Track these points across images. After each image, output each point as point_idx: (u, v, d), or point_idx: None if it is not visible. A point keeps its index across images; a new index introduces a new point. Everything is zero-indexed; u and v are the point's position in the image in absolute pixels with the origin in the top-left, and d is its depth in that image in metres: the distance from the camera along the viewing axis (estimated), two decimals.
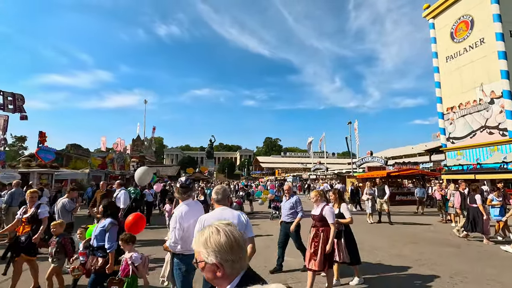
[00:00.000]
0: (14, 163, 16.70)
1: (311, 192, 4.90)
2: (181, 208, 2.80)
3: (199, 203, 2.99)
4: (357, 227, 9.54)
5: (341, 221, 4.63)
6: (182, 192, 2.84)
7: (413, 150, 64.81)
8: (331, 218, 4.17)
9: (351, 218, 4.62)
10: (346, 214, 4.68)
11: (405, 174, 19.51)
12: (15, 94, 15.98)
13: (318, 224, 4.34)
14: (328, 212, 4.23)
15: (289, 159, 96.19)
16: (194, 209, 2.78)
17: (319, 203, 4.39)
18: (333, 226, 4.13)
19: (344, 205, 4.77)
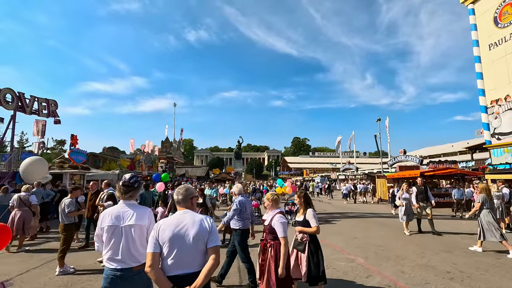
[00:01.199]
0: (49, 165, 17.72)
1: (266, 194, 4.07)
2: (108, 210, 2.45)
3: (144, 208, 2.54)
4: (390, 232, 9.11)
5: (306, 230, 3.82)
6: (123, 192, 2.45)
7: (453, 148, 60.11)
8: (281, 230, 3.32)
9: (317, 226, 3.76)
10: (312, 221, 3.81)
11: (441, 173, 17.83)
12: (48, 100, 17.01)
13: (267, 237, 3.55)
14: (277, 223, 3.38)
15: (318, 159, 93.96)
16: (128, 212, 2.38)
17: (272, 209, 3.64)
18: (283, 241, 3.27)
19: (310, 211, 3.90)
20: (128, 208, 2.41)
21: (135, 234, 2.33)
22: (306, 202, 4.01)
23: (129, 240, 2.31)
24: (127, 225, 2.33)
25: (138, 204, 2.49)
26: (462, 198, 13.39)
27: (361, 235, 8.62)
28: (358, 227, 10.17)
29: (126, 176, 2.55)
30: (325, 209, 16.09)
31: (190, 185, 2.46)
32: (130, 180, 2.51)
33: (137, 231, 2.33)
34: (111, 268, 2.29)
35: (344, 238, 8.24)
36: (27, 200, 7.58)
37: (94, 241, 2.52)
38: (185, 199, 2.27)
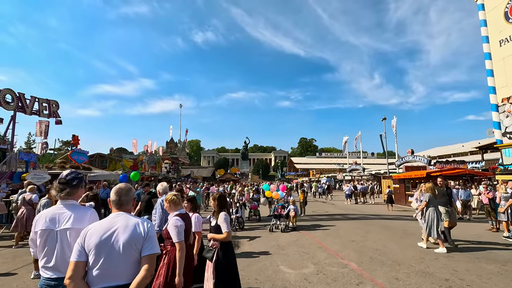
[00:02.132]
0: (50, 165, 17.82)
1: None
2: (43, 212, 2.16)
3: (86, 208, 2.25)
4: (390, 235, 8.55)
5: (215, 236, 3.46)
6: (58, 190, 2.15)
7: (464, 148, 58.65)
8: (174, 234, 2.91)
9: (228, 232, 3.39)
10: (223, 226, 3.44)
11: (448, 174, 17.18)
12: (49, 101, 17.07)
13: (166, 243, 3.19)
14: (171, 227, 2.97)
15: (324, 159, 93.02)
16: (65, 214, 2.10)
17: (171, 212, 3.27)
18: (178, 246, 2.88)
19: (222, 215, 3.54)
20: (65, 210, 2.13)
21: (72, 239, 2.04)
22: (220, 205, 3.65)
23: (64, 246, 2.04)
24: (63, 229, 2.06)
25: None
26: (468, 199, 12.82)
27: (359, 238, 8.23)
28: (358, 229, 9.76)
29: (64, 173, 2.28)
30: (327, 211, 15.68)
31: (130, 186, 2.16)
32: (67, 177, 2.23)
33: (74, 236, 2.04)
34: (46, 277, 2.03)
35: (341, 241, 7.87)
36: (30, 200, 7.80)
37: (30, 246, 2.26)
38: (126, 201, 2.01)
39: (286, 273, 5.25)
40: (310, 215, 13.67)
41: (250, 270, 5.46)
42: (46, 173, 14.40)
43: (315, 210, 15.78)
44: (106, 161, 37.38)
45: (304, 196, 13.90)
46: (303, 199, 13.82)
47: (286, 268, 5.56)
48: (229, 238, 3.42)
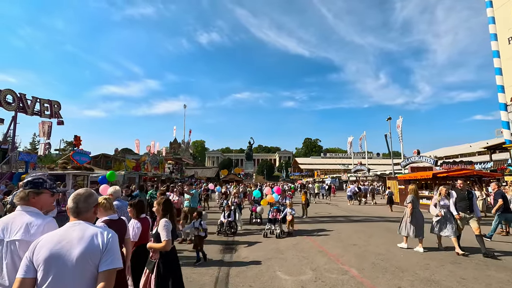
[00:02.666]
0: (52, 165, 17.80)
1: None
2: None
3: (43, 217, 1.95)
4: (395, 239, 8.13)
5: (153, 246, 3.15)
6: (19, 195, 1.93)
7: (472, 148, 57.63)
8: None
9: (167, 241, 3.05)
10: (163, 234, 3.10)
11: (455, 175, 16.71)
12: (51, 101, 17.05)
13: None
14: None
15: (329, 160, 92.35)
16: (18, 223, 1.87)
17: (101, 217, 2.97)
18: None
19: (162, 221, 3.22)
20: (19, 218, 1.90)
21: (22, 252, 1.79)
22: (164, 211, 3.33)
23: (15, 260, 1.80)
24: (12, 240, 1.82)
25: None
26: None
27: (361, 242, 7.93)
28: (361, 232, 9.46)
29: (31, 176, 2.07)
30: (330, 212, 15.36)
31: (92, 191, 1.93)
32: (34, 181, 2.03)
33: (23, 249, 1.78)
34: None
35: (343, 245, 7.58)
36: None
37: None
38: (85, 208, 1.79)
39: (282, 280, 5.00)
40: (312, 217, 13.38)
41: (245, 276, 5.22)
42: (46, 174, 14.38)
43: (317, 212, 15.48)
44: (111, 162, 37.50)
45: (306, 198, 13.60)
46: (305, 201, 13.52)
47: (283, 274, 5.31)
48: (168, 248, 3.07)
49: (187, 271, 5.41)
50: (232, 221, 9.30)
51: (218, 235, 9.02)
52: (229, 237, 8.78)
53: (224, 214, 9.34)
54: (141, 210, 3.77)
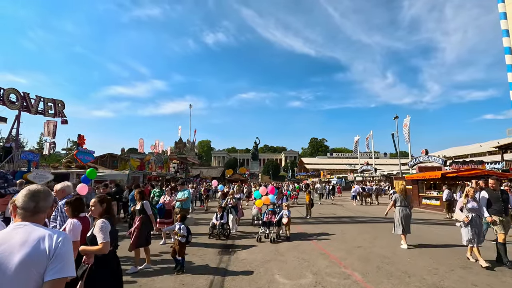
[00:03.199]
0: (56, 164, 17.87)
1: None
2: None
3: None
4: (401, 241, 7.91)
5: (87, 249, 2.82)
6: None
7: (482, 148, 56.41)
8: None
9: (104, 243, 2.74)
10: (99, 236, 2.78)
11: (465, 175, 16.20)
12: (55, 100, 17.08)
13: None
14: None
15: (335, 160, 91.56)
16: None
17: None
18: None
19: (99, 222, 2.90)
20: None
21: None
22: (75, 210, 3.12)
23: None
24: None
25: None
26: (449, 198, 12.23)
27: (366, 244, 7.61)
28: (366, 233, 9.12)
29: None
30: (335, 213, 15.01)
31: (45, 189, 1.70)
32: None
33: None
34: None
35: (347, 247, 7.27)
36: None
37: None
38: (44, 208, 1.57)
39: (280, 284, 4.73)
40: (316, 218, 13.07)
41: (241, 280, 4.97)
42: (49, 172, 14.38)
43: (322, 212, 15.15)
44: (117, 161, 37.68)
45: (310, 198, 13.29)
46: (309, 201, 13.22)
47: (281, 278, 5.04)
48: (105, 250, 2.74)
49: (181, 275, 5.20)
50: (225, 223, 8.63)
51: (210, 238, 8.41)
52: (222, 240, 8.20)
53: (216, 216, 8.69)
54: (78, 209, 3.40)
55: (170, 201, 8.05)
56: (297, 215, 14.08)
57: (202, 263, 5.93)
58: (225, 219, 8.64)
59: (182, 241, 5.43)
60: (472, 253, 6.00)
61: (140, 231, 5.59)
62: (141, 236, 5.56)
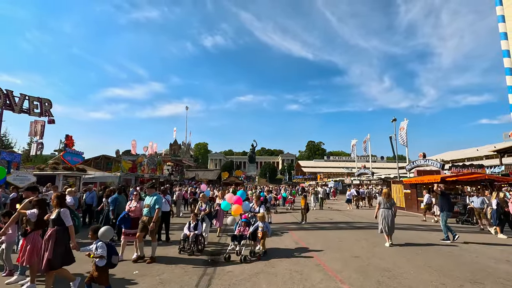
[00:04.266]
0: (42, 166, 17.16)
1: None
2: None
3: None
4: (402, 250, 6.99)
5: None
6: None
7: (479, 152, 56.23)
8: None
9: None
10: None
11: (465, 179, 15.72)
12: (41, 99, 16.41)
13: None
14: None
15: (333, 163, 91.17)
16: None
17: None
18: None
19: None
20: None
21: None
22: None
23: None
24: None
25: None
26: (483, 207, 11.42)
27: (365, 253, 7.05)
28: (364, 241, 8.56)
29: None
30: (332, 218, 14.45)
31: None
32: None
33: None
34: None
35: (343, 257, 6.70)
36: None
37: None
38: None
39: None
40: (312, 223, 12.50)
41: None
42: (31, 174, 13.69)
43: (318, 217, 14.58)
44: (112, 163, 36.91)
45: (305, 202, 12.72)
46: (305, 205, 12.65)
47: None
48: None
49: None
50: (199, 234, 7.21)
51: (181, 253, 6.98)
52: (196, 256, 6.80)
53: (189, 225, 7.30)
54: None
55: (137, 209, 6.76)
56: (292, 220, 13.51)
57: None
58: (199, 230, 7.28)
59: (100, 265, 3.96)
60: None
61: (55, 248, 4.18)
62: (56, 255, 4.17)
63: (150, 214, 6.43)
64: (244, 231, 7.07)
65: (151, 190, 6.76)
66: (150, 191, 6.74)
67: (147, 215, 6.45)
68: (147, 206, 6.49)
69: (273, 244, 8.14)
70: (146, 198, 6.70)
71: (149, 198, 6.59)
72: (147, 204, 6.50)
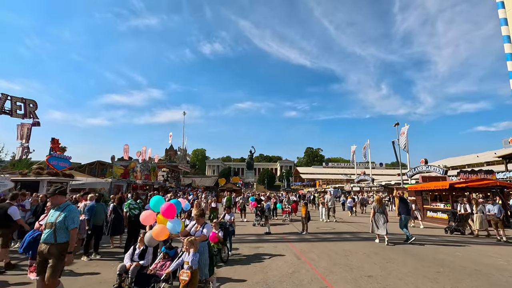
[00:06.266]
0: (25, 171, 16.11)
1: None
2: None
3: None
4: (421, 267, 6.09)
5: None
6: None
7: (479, 158, 55.68)
8: None
9: None
10: None
11: (475, 185, 14.82)
12: (25, 100, 15.49)
13: None
14: None
15: (331, 169, 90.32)
16: None
17: None
18: None
19: None
20: None
21: None
22: None
23: None
24: None
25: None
26: (499, 216, 10.49)
27: (378, 271, 6.08)
28: (374, 255, 7.59)
29: None
30: (334, 227, 13.45)
31: None
32: None
33: None
34: None
35: (353, 277, 5.73)
36: None
37: None
38: None
39: None
40: (314, 233, 11.51)
41: None
42: (8, 179, 12.65)
43: (319, 226, 13.59)
44: (106, 169, 35.82)
45: (306, 211, 11.76)
46: (306, 214, 11.69)
47: None
48: None
49: None
50: (145, 266, 4.79)
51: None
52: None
53: (132, 253, 5.02)
54: None
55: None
56: (292, 230, 12.52)
57: None
58: (146, 260, 4.90)
59: None
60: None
61: None
62: None
63: (53, 239, 3.90)
64: (164, 268, 4.56)
65: (58, 199, 4.13)
66: (56, 200, 4.12)
67: (47, 241, 3.91)
68: (48, 226, 3.97)
69: (270, 258, 7.17)
70: (50, 212, 4.14)
71: (54, 213, 4.05)
72: (50, 223, 3.97)
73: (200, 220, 5.08)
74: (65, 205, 4.14)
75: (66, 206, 4.11)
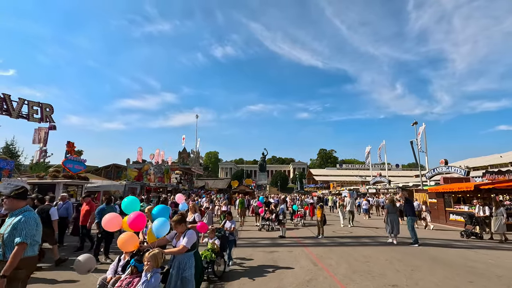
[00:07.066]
0: (42, 174, 16.39)
1: None
2: None
3: None
4: (451, 275, 5.80)
5: None
6: None
7: (503, 159, 53.18)
8: None
9: None
10: None
11: (503, 187, 13.92)
12: (42, 104, 15.77)
13: None
14: None
15: (346, 171, 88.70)
16: None
17: None
18: None
19: None
20: None
21: None
22: None
23: None
24: None
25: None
26: None
27: (403, 280, 5.60)
28: (397, 262, 7.07)
29: None
30: (351, 231, 12.90)
31: None
32: None
33: None
34: None
35: (377, 286, 5.28)
36: None
37: None
38: None
39: None
40: (330, 237, 11.04)
41: None
42: (24, 182, 12.84)
43: (335, 230, 13.08)
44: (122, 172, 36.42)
45: (322, 213, 11.30)
46: (321, 217, 11.23)
47: None
48: None
49: None
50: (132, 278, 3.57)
51: None
52: None
53: (117, 263, 4.06)
54: None
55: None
56: (307, 234, 12.07)
57: None
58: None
59: None
60: None
61: None
62: None
63: (1, 255, 3.05)
64: (130, 285, 3.39)
65: (14, 203, 3.23)
66: (11, 205, 3.23)
67: None
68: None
69: (285, 263, 6.79)
70: (6, 221, 3.22)
71: (8, 221, 3.19)
72: (0, 234, 3.11)
73: (179, 227, 4.04)
74: (19, 211, 3.19)
75: (21, 213, 3.17)
